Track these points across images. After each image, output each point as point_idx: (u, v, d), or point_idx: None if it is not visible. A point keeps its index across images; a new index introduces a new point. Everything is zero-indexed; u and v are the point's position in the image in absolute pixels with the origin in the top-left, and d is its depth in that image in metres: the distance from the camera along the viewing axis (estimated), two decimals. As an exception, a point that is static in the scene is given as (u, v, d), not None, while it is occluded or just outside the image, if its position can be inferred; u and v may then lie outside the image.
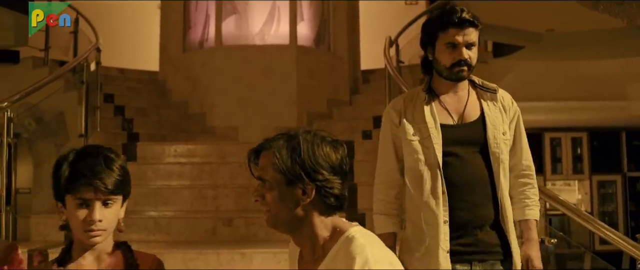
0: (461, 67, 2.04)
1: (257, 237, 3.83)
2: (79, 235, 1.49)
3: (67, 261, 1.54)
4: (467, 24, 2.02)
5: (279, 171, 1.39)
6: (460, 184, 2.03)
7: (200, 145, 5.04)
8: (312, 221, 1.41)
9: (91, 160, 1.47)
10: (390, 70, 4.86)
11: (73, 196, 1.46)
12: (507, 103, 2.13)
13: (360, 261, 1.30)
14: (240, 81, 6.33)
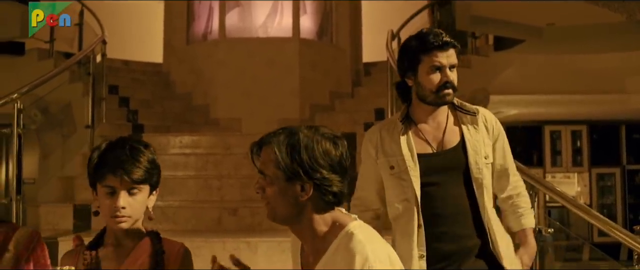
0: (447, 90, 1.97)
1: (261, 226, 3.92)
2: (107, 220, 1.58)
3: (99, 246, 1.63)
4: (449, 45, 1.97)
5: (279, 168, 1.41)
6: (443, 215, 1.99)
7: (204, 137, 5.13)
8: (311, 217, 1.44)
9: (118, 151, 1.56)
10: (393, 63, 4.91)
11: (101, 184, 1.56)
12: (489, 123, 2.07)
13: (360, 259, 1.33)
14: (243, 73, 6.40)
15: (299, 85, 6.43)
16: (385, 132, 2.06)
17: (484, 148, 2.03)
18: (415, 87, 2.02)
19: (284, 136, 1.44)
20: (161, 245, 1.64)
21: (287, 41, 6.56)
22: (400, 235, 2.01)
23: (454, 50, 1.99)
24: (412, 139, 2.02)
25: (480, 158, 2.01)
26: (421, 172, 1.98)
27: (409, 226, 1.98)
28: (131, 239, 1.62)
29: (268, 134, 1.50)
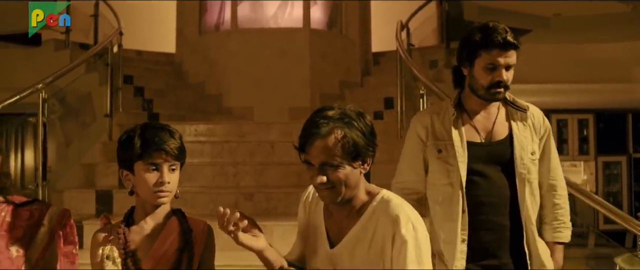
0: (498, 89, 2.01)
1: (276, 210, 4.07)
2: (148, 197, 1.69)
3: (130, 224, 1.75)
4: (510, 46, 1.98)
5: (347, 150, 1.49)
6: (486, 203, 2.03)
7: (219, 125, 5.27)
8: (359, 186, 1.57)
9: (157, 131, 1.69)
10: (402, 53, 5.04)
11: (144, 162, 1.66)
12: (537, 121, 2.10)
13: (404, 219, 1.50)
14: (255, 63, 6.53)
15: (309, 75, 6.55)
16: (436, 117, 2.10)
17: (531, 144, 2.06)
18: (469, 79, 2.07)
19: (341, 122, 1.50)
20: (188, 223, 1.77)
21: (297, 31, 6.69)
22: (444, 218, 2.05)
23: (514, 51, 2.00)
24: (463, 126, 2.06)
25: (526, 154, 2.04)
26: (468, 159, 2.03)
27: (453, 210, 2.03)
28: (160, 218, 1.74)
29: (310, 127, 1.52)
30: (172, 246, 1.71)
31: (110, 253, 1.62)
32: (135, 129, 1.72)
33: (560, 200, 2.13)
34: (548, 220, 2.12)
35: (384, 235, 1.51)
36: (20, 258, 1.73)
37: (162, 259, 1.69)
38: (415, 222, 1.52)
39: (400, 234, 1.49)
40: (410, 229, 1.50)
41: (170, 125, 1.75)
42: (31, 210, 1.80)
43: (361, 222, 1.56)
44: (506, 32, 1.98)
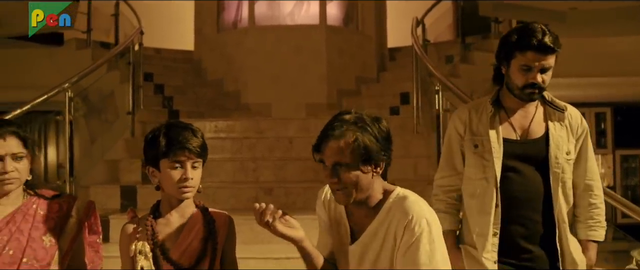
0: (532, 90, 2.05)
1: (295, 205, 4.17)
2: (173, 192, 1.79)
3: (156, 217, 1.85)
4: (548, 50, 2.01)
5: (358, 153, 1.58)
6: (519, 198, 2.07)
7: (238, 122, 5.38)
8: (374, 186, 1.65)
9: (182, 130, 1.78)
10: (418, 50, 5.09)
11: (169, 160, 1.75)
12: (575, 121, 2.12)
13: (418, 215, 1.58)
14: (272, 60, 6.63)
15: (326, 71, 6.64)
16: (474, 112, 2.15)
17: (566, 144, 2.08)
18: (506, 77, 2.11)
19: (354, 126, 1.59)
20: (211, 215, 1.87)
21: (314, 28, 6.77)
22: (478, 212, 2.10)
23: (553, 54, 2.02)
24: (500, 122, 2.11)
25: (562, 153, 2.07)
26: (503, 155, 2.07)
27: (486, 204, 2.07)
28: (184, 210, 1.84)
29: (329, 132, 1.62)
30: (197, 236, 1.81)
31: (143, 248, 1.71)
32: (160, 128, 1.82)
33: (597, 200, 2.15)
34: (583, 219, 2.14)
35: (397, 231, 1.59)
36: (53, 247, 1.85)
37: (188, 248, 1.79)
38: (429, 219, 1.59)
39: (413, 230, 1.56)
40: (424, 224, 1.57)
41: (193, 124, 1.84)
42: (60, 203, 1.93)
43: (378, 218, 1.65)
44: (544, 35, 2.00)
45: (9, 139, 1.80)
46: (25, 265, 1.78)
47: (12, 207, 1.84)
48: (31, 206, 1.87)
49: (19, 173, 1.81)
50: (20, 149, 1.82)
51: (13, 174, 1.79)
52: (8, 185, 1.79)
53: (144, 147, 1.83)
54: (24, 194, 1.89)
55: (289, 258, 3.41)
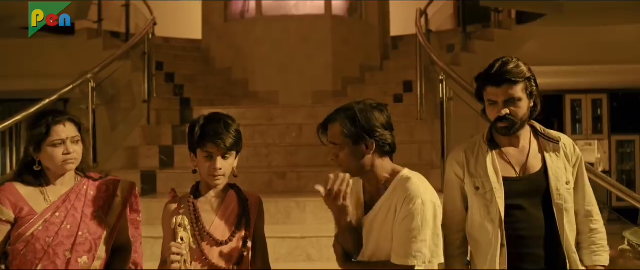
0: (502, 124, 2.04)
1: (307, 188, 4.40)
2: (206, 178, 2.01)
3: (196, 196, 2.07)
4: (503, 82, 1.99)
5: (347, 136, 1.86)
6: (526, 236, 2.06)
7: (249, 109, 5.60)
8: (375, 165, 1.90)
9: (215, 124, 1.98)
10: (422, 40, 5.29)
11: (201, 150, 1.97)
12: (569, 150, 2.11)
13: (416, 194, 1.82)
14: (279, 49, 6.82)
15: (331, 60, 6.84)
16: (470, 153, 2.13)
17: (565, 174, 2.07)
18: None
19: (343, 113, 1.89)
20: (244, 195, 2.10)
21: (320, 18, 6.96)
22: (484, 253, 2.09)
23: (512, 84, 1.99)
24: (497, 161, 2.09)
25: (562, 184, 2.06)
26: (505, 194, 2.05)
27: (493, 245, 2.06)
28: (220, 191, 2.06)
29: (328, 116, 1.94)
30: (233, 213, 2.04)
31: (182, 221, 1.92)
32: (199, 119, 2.02)
33: (598, 225, 2.14)
34: (586, 245, 2.13)
35: (397, 206, 1.85)
36: (103, 222, 2.08)
37: (224, 224, 2.02)
38: (425, 199, 1.83)
39: (409, 206, 1.81)
40: (418, 203, 1.81)
41: (231, 117, 2.03)
42: (107, 184, 2.16)
43: (385, 195, 1.90)
44: (502, 66, 2.01)
45: (68, 125, 2.03)
46: (81, 239, 2.02)
47: (66, 187, 2.07)
48: (82, 187, 2.10)
49: (77, 154, 2.04)
50: (76, 133, 2.05)
51: (74, 155, 2.02)
52: (70, 165, 2.02)
53: (187, 135, 2.05)
54: (76, 175, 2.12)
55: (304, 237, 3.66)
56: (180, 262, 1.86)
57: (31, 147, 2.00)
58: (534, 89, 2.05)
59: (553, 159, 2.08)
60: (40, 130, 1.98)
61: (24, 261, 1.97)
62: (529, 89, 2.03)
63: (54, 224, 1.99)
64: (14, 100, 9.31)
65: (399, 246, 1.83)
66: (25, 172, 2.04)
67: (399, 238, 1.83)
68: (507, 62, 2.02)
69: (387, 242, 1.87)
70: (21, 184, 2.03)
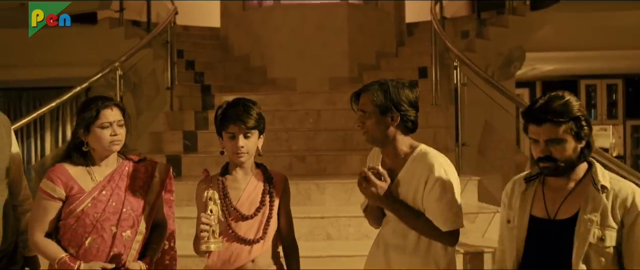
0: (545, 164, 1.88)
1: (326, 171, 4.58)
2: (231, 157, 2.21)
3: (225, 174, 2.26)
4: (542, 121, 1.85)
5: (376, 105, 2.04)
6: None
7: (269, 96, 5.77)
8: (396, 138, 2.08)
9: (235, 107, 2.17)
10: (436, 26, 5.41)
11: (225, 131, 2.18)
12: (620, 202, 1.84)
13: (437, 166, 2.02)
14: (297, 36, 6.97)
15: (347, 47, 6.97)
16: (517, 186, 2.03)
17: (599, 230, 1.83)
18: None
19: (378, 85, 2.08)
20: (270, 173, 2.29)
21: (336, 6, 7.09)
22: None
23: (554, 125, 1.83)
24: (533, 198, 1.97)
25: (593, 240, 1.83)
26: (530, 234, 1.94)
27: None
28: (247, 170, 2.25)
29: (363, 86, 2.13)
30: (259, 189, 2.23)
31: (212, 195, 2.09)
32: (222, 105, 2.23)
33: None
34: None
35: (420, 178, 2.04)
36: (143, 200, 2.28)
37: (252, 199, 2.21)
38: (446, 168, 2.03)
39: (434, 176, 2.01)
40: (442, 173, 2.01)
41: (252, 101, 2.22)
42: (145, 165, 2.35)
43: (405, 167, 2.09)
44: (549, 103, 1.86)
45: (115, 109, 2.22)
46: (125, 215, 2.21)
47: (110, 168, 2.26)
48: (124, 168, 2.29)
49: (122, 137, 2.23)
50: (121, 117, 2.24)
51: (119, 136, 2.21)
52: (116, 146, 2.22)
53: (215, 120, 2.24)
54: (118, 157, 2.31)
55: (323, 217, 3.84)
56: (209, 232, 2.05)
57: (81, 129, 2.19)
58: (584, 129, 1.85)
59: (589, 208, 1.85)
60: (90, 113, 2.17)
61: (75, 235, 2.17)
62: (576, 129, 1.84)
63: (101, 201, 2.18)
64: (38, 89, 9.60)
65: (434, 215, 2.02)
66: (74, 152, 2.22)
67: (432, 207, 2.02)
68: (553, 99, 1.87)
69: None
70: (70, 165, 2.22)
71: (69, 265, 2.13)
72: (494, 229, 3.90)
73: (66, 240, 2.19)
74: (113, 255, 2.18)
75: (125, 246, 2.20)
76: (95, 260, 2.15)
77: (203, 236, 2.04)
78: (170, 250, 2.45)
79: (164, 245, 2.41)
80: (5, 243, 2.26)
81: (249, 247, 2.17)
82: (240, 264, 2.16)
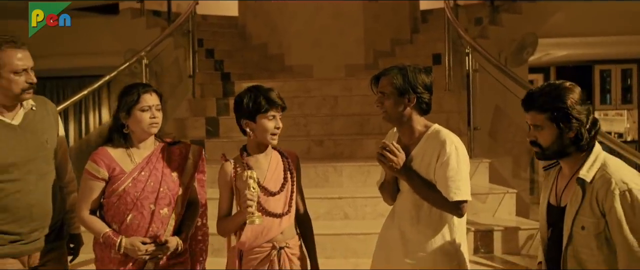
0: (534, 148, 2.05)
1: (343, 155, 4.78)
2: (266, 139, 2.38)
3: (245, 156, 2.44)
4: (526, 107, 2.03)
5: (395, 87, 2.24)
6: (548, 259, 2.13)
7: (287, 82, 5.96)
8: (412, 118, 2.28)
9: (270, 93, 2.37)
10: (449, 14, 5.54)
11: (264, 115, 2.34)
12: (601, 192, 1.90)
13: (449, 142, 2.21)
14: (313, 25, 7.11)
15: (363, 34, 7.11)
16: (545, 175, 2.21)
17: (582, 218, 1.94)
18: None
19: (397, 69, 2.28)
20: (284, 153, 2.50)
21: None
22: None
23: (536, 111, 1.98)
24: (550, 186, 2.14)
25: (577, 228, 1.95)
26: (547, 220, 2.13)
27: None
28: (266, 151, 2.45)
29: (382, 70, 2.33)
30: (280, 167, 2.45)
31: (252, 175, 2.30)
32: (251, 90, 2.39)
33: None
34: None
35: (433, 154, 2.24)
36: (179, 181, 2.48)
37: (276, 177, 2.42)
38: (457, 145, 2.23)
39: (446, 151, 2.21)
40: (453, 148, 2.20)
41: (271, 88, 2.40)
42: (180, 148, 2.56)
43: (419, 145, 2.29)
44: (535, 93, 2.01)
45: (154, 94, 2.43)
46: (162, 194, 2.42)
47: (148, 150, 2.47)
48: (160, 150, 2.50)
49: (160, 120, 2.44)
50: (159, 102, 2.44)
51: (157, 119, 2.42)
52: (154, 128, 2.42)
53: (241, 107, 2.38)
54: (155, 140, 2.52)
55: (341, 198, 4.05)
56: (253, 208, 2.25)
57: (123, 112, 2.39)
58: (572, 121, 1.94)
59: (576, 198, 1.96)
60: (132, 97, 2.38)
61: (117, 212, 2.39)
62: (560, 119, 1.95)
63: (141, 181, 2.39)
64: (60, 78, 9.88)
65: (444, 186, 2.21)
66: (115, 134, 2.42)
67: (442, 179, 2.21)
68: (545, 88, 2.02)
69: None
70: (111, 147, 2.43)
71: (112, 240, 2.36)
72: (503, 209, 4.09)
73: (109, 216, 2.40)
74: (151, 230, 2.38)
75: (163, 222, 2.41)
76: (136, 235, 2.36)
77: (249, 212, 2.24)
78: (202, 226, 2.65)
79: (197, 222, 2.61)
80: (53, 220, 2.47)
81: (278, 220, 2.38)
82: (271, 237, 2.38)
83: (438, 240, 2.28)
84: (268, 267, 2.38)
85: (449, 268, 2.29)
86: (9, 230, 2.32)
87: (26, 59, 2.30)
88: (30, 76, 2.31)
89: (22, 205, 2.33)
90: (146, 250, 2.36)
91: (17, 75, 2.27)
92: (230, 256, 2.48)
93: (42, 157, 2.41)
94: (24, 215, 2.34)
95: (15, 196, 2.31)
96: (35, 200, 2.37)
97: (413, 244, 2.30)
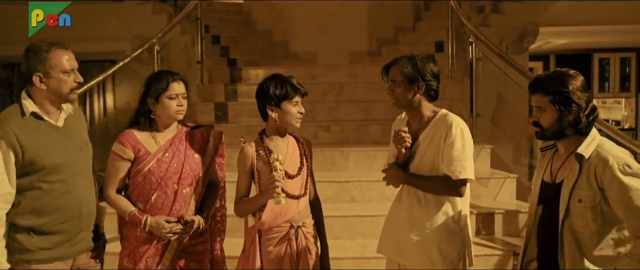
0: (534, 128, 2.21)
1: (349, 140, 4.92)
2: (292, 123, 2.53)
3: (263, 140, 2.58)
4: (531, 89, 2.19)
5: (405, 75, 2.42)
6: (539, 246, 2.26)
7: (293, 69, 6.03)
8: (421, 104, 2.47)
9: (291, 80, 2.54)
10: (452, 2, 5.62)
11: (289, 101, 2.50)
12: (599, 169, 2.05)
13: (455, 125, 2.38)
14: (318, 12, 7.20)
15: (367, 22, 7.21)
16: (541, 156, 2.36)
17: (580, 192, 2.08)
18: None
19: (407, 59, 2.45)
20: (299, 137, 2.66)
21: (356, -18, 7.30)
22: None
23: (539, 95, 2.14)
24: (545, 165, 2.28)
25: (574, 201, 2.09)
26: (540, 196, 2.27)
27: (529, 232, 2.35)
28: (283, 136, 2.60)
29: (393, 60, 2.51)
30: (296, 152, 2.61)
31: (278, 157, 2.44)
32: (276, 77, 2.55)
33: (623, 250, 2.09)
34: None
35: (441, 135, 2.41)
36: (200, 162, 2.61)
37: (293, 161, 2.57)
38: (463, 128, 2.41)
39: (452, 133, 2.38)
40: (459, 131, 2.39)
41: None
42: (201, 132, 2.69)
43: (427, 129, 2.47)
44: (541, 77, 2.18)
45: (181, 83, 2.56)
46: (185, 174, 2.55)
47: (171, 133, 2.61)
48: (183, 133, 2.63)
49: (185, 108, 2.57)
50: (185, 90, 2.58)
51: (183, 107, 2.56)
52: (180, 115, 2.56)
53: (267, 94, 2.52)
54: (177, 124, 2.65)
55: (348, 181, 4.20)
56: (279, 188, 2.39)
57: (152, 98, 2.52)
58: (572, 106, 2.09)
59: (573, 173, 2.10)
60: (162, 85, 2.51)
61: (142, 191, 2.53)
62: (561, 102, 2.10)
63: (164, 162, 2.53)
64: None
65: (448, 164, 2.37)
66: (141, 118, 2.55)
67: (447, 157, 2.38)
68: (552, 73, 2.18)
69: (426, 164, 2.45)
70: (136, 130, 2.56)
71: (138, 218, 2.50)
72: (504, 193, 4.24)
73: (135, 196, 2.54)
74: (175, 209, 2.52)
75: (185, 202, 2.54)
76: (160, 213, 2.50)
77: (277, 192, 2.37)
78: (221, 207, 2.80)
79: (217, 203, 2.75)
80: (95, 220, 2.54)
81: (296, 202, 2.53)
82: (289, 217, 2.53)
83: (443, 218, 2.45)
84: (286, 244, 2.53)
85: (453, 246, 2.45)
86: (60, 229, 2.36)
87: (73, 60, 2.38)
88: (77, 76, 2.38)
89: (72, 206, 2.38)
90: (170, 229, 2.49)
91: (66, 75, 2.33)
92: (248, 236, 2.62)
93: (84, 157, 2.49)
94: (74, 215, 2.39)
95: (66, 197, 2.36)
96: (83, 200, 2.42)
97: (419, 222, 2.46)
